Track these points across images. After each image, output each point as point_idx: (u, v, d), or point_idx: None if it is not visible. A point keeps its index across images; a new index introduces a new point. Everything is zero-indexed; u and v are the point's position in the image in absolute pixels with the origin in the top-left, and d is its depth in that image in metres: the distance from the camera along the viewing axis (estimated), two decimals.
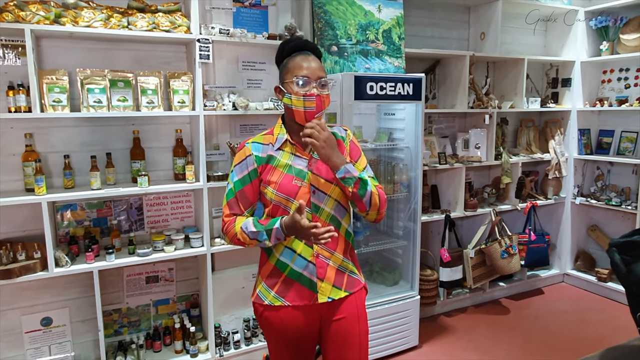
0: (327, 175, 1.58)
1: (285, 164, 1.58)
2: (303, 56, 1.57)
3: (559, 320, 3.61)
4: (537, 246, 3.91)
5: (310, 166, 1.59)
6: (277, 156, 1.59)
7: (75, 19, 2.43)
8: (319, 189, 1.58)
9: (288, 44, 1.61)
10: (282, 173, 1.57)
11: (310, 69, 1.54)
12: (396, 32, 3.25)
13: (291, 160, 1.59)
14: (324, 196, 1.58)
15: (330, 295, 1.60)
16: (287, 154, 1.60)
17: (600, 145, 4.24)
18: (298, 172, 1.58)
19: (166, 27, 2.60)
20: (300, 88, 1.53)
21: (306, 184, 1.56)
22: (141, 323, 2.95)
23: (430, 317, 3.66)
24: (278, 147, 1.60)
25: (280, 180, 1.56)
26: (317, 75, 1.54)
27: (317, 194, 1.58)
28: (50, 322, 2.70)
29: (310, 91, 1.53)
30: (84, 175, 2.65)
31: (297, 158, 1.60)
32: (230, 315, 3.02)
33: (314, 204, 1.57)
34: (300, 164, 1.59)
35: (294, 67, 1.56)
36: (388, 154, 3.30)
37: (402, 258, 3.31)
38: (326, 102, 1.57)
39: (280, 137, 1.61)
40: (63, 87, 2.40)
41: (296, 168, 1.58)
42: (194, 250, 2.78)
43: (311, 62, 1.55)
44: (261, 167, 1.59)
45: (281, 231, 1.47)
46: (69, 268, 2.47)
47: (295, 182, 1.56)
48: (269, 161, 1.59)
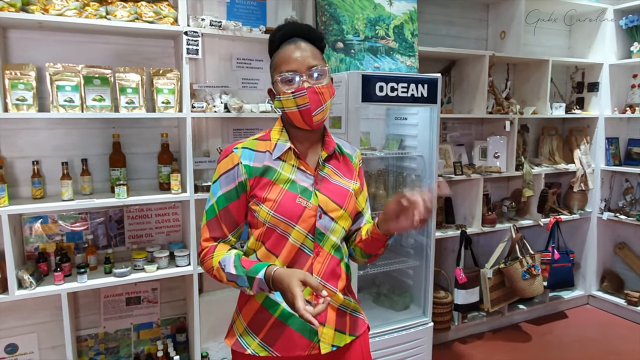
0: (336, 198, 1.28)
1: (288, 179, 1.26)
2: (291, 46, 1.24)
3: (586, 350, 3.25)
4: (561, 265, 3.57)
5: (317, 185, 1.28)
6: (277, 168, 1.27)
7: (46, 7, 2.14)
8: (327, 213, 1.26)
9: (277, 32, 1.29)
10: (283, 190, 1.25)
11: (298, 60, 1.22)
12: (409, 28, 2.93)
13: (294, 175, 1.27)
14: (331, 223, 1.27)
15: (334, 343, 1.28)
16: (288, 166, 1.28)
17: (629, 155, 3.90)
18: (303, 191, 1.26)
19: (150, 18, 2.31)
20: (287, 85, 1.23)
21: (312, 206, 1.25)
22: (120, 350, 2.63)
23: (444, 344, 3.31)
24: (278, 156, 1.27)
25: (280, 199, 1.23)
26: (306, 65, 1.22)
27: (324, 219, 1.26)
28: (16, 349, 2.40)
29: (300, 86, 1.22)
30: (56, 184, 2.34)
31: (301, 173, 1.28)
32: (220, 343, 2.69)
33: (319, 231, 1.26)
34: (305, 180, 1.28)
35: (280, 62, 1.25)
36: (398, 164, 2.99)
37: (414, 279, 2.97)
38: (325, 95, 1.25)
39: (280, 145, 1.28)
40: (28, 83, 2.10)
41: (301, 185, 1.26)
42: (179, 269, 2.47)
43: (300, 50, 1.23)
44: (253, 179, 1.25)
45: (265, 284, 1.14)
46: (33, 290, 2.17)
47: (299, 201, 1.24)
48: (266, 173, 1.26)
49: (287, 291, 1.05)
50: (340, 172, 1.34)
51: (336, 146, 1.35)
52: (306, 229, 1.24)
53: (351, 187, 1.33)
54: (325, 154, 1.31)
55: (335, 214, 1.27)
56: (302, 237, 1.24)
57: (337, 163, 1.35)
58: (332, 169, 1.33)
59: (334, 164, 1.34)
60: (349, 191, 1.32)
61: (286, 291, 1.06)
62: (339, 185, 1.31)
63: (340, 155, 1.37)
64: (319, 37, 1.30)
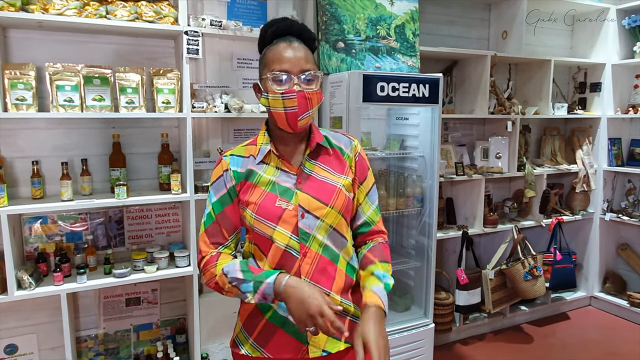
0: (321, 195, 1.26)
1: (269, 181, 1.26)
2: (285, 44, 1.23)
3: (589, 352, 3.23)
4: (563, 267, 3.55)
5: (300, 184, 1.26)
6: (259, 171, 1.27)
7: (46, 7, 2.13)
8: (310, 212, 1.24)
9: (270, 27, 1.27)
10: (264, 192, 1.25)
11: (292, 60, 1.20)
12: (410, 28, 2.92)
13: (276, 176, 1.27)
14: (316, 221, 1.25)
15: (325, 348, 1.26)
16: (271, 168, 1.28)
17: (632, 156, 3.88)
18: (284, 192, 1.25)
19: (150, 18, 2.29)
20: (278, 85, 1.21)
21: (293, 206, 1.23)
22: (120, 351, 2.62)
23: (445, 345, 3.29)
24: (260, 159, 1.28)
25: (260, 201, 1.24)
26: (300, 68, 1.21)
27: (308, 218, 1.24)
28: (16, 350, 2.39)
29: (290, 88, 1.21)
30: (56, 184, 2.33)
31: (284, 173, 1.27)
32: (220, 344, 2.68)
33: (303, 231, 1.24)
34: (287, 180, 1.27)
35: (271, 59, 1.23)
36: (399, 164, 2.97)
37: (415, 280, 2.96)
38: (314, 100, 1.23)
39: (263, 148, 1.29)
40: (28, 83, 2.09)
41: (281, 186, 1.25)
42: (179, 270, 2.45)
43: (294, 51, 1.21)
44: (239, 184, 1.27)
45: (272, 290, 1.14)
46: (32, 291, 2.15)
47: (279, 203, 1.23)
48: (249, 177, 1.27)
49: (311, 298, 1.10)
50: (330, 167, 1.31)
51: (323, 139, 1.32)
52: (289, 230, 1.23)
53: (340, 183, 1.29)
54: (308, 151, 1.29)
55: (320, 212, 1.24)
56: (286, 238, 1.23)
57: (326, 158, 1.32)
58: (320, 165, 1.30)
59: (322, 160, 1.31)
60: (337, 187, 1.28)
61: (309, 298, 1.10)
62: (325, 182, 1.28)
63: (331, 149, 1.33)
64: (312, 37, 1.29)
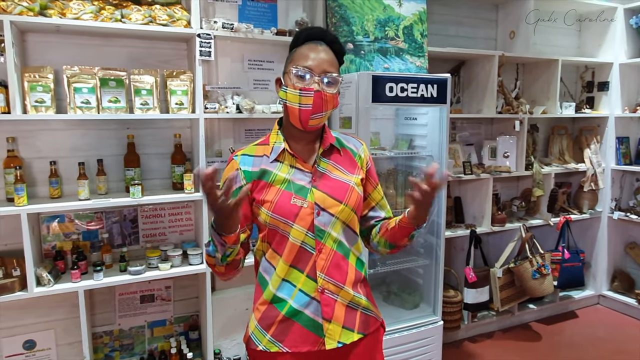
0: (335, 193, 1.30)
1: (284, 179, 1.30)
2: (313, 45, 1.29)
3: (597, 350, 3.25)
4: (571, 265, 3.56)
5: (315, 182, 1.30)
6: (274, 170, 1.31)
7: (63, 11, 2.20)
8: (325, 209, 1.28)
9: (305, 31, 1.34)
10: (280, 190, 1.29)
11: (316, 60, 1.26)
12: (418, 29, 2.95)
13: (291, 175, 1.31)
14: (331, 218, 1.29)
15: (340, 340, 1.30)
16: (285, 167, 1.32)
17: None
18: (299, 190, 1.29)
19: (164, 21, 2.35)
20: (298, 80, 1.26)
21: (308, 204, 1.28)
22: (134, 346, 2.68)
23: (453, 343, 3.32)
24: (274, 158, 1.32)
25: (276, 199, 1.28)
26: (322, 69, 1.26)
27: (323, 215, 1.28)
28: (34, 345, 2.45)
29: (309, 85, 1.25)
30: (72, 184, 2.39)
31: (299, 172, 1.31)
32: (232, 340, 2.73)
33: (318, 227, 1.28)
34: (302, 179, 1.31)
35: (298, 56, 1.28)
36: (408, 163, 3.00)
37: (423, 278, 2.99)
38: (329, 103, 1.28)
39: (276, 147, 1.33)
40: (46, 85, 2.15)
41: (296, 184, 1.29)
42: (193, 268, 2.50)
43: (320, 52, 1.27)
44: (252, 183, 1.30)
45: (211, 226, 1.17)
46: (51, 287, 2.22)
47: (294, 201, 1.27)
48: (263, 176, 1.31)
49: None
50: (342, 166, 1.36)
51: (335, 140, 1.38)
52: (305, 227, 1.27)
53: (352, 181, 1.34)
54: (322, 150, 1.34)
55: (335, 209, 1.29)
56: (302, 235, 1.27)
57: (338, 157, 1.37)
58: (333, 164, 1.35)
59: (334, 159, 1.36)
60: (350, 185, 1.33)
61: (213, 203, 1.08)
62: (339, 180, 1.33)
63: (341, 149, 1.38)
64: (342, 51, 1.35)
